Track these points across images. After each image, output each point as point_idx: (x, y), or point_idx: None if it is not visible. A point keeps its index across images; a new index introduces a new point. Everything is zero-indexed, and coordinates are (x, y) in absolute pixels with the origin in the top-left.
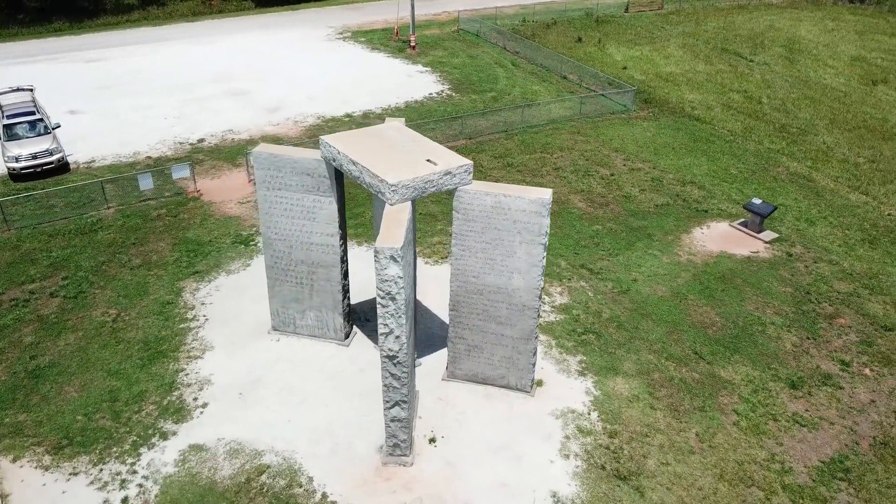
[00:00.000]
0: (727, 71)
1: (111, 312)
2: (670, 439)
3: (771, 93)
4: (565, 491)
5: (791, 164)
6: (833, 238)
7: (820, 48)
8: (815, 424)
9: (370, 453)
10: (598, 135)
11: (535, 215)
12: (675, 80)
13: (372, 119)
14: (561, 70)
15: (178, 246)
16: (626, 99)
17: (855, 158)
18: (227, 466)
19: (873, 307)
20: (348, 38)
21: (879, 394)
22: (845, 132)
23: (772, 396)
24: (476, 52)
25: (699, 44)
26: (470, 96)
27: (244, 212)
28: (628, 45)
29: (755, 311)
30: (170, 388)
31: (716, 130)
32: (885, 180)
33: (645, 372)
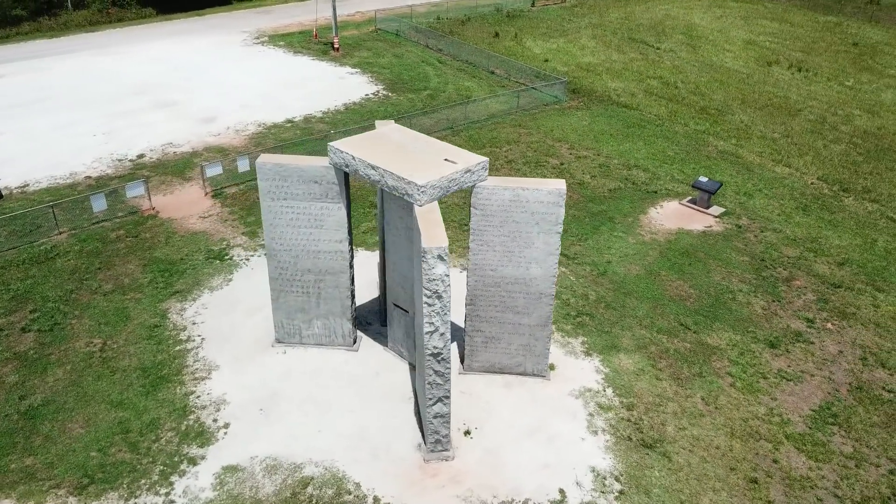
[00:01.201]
0: (639, 59)
1: (96, 342)
2: (681, 406)
3: (684, 77)
4: (602, 465)
5: (718, 143)
6: (771, 209)
7: (715, 34)
8: (798, 378)
9: (410, 452)
10: (538, 126)
11: (552, 206)
12: (596, 70)
13: (314, 123)
14: (487, 65)
15: (148, 267)
16: (558, 90)
17: (771, 134)
18: (268, 484)
19: (820, 268)
20: (267, 43)
21: (844, 344)
22: (756, 111)
23: (756, 357)
24: (401, 52)
25: (607, 34)
26: (406, 95)
27: (209, 226)
28: (543, 38)
29: (722, 280)
30: (183, 412)
31: (644, 116)
32: (801, 153)
33: (642, 346)
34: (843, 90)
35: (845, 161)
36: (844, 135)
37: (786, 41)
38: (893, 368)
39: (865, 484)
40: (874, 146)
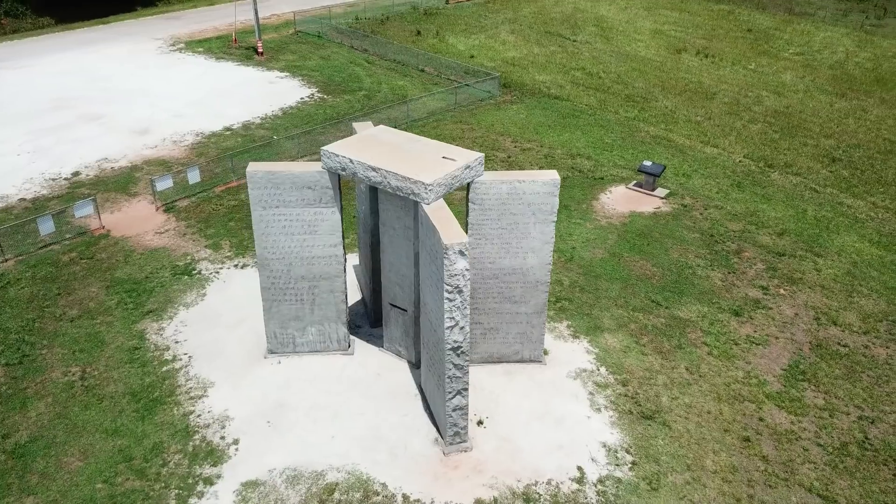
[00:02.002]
0: (560, 52)
1: (74, 370)
2: (669, 377)
3: (604, 67)
4: (611, 440)
5: (649, 128)
6: (709, 187)
7: (624, 25)
8: (765, 342)
9: (428, 447)
10: (478, 122)
11: (547, 196)
12: (521, 64)
13: (254, 130)
14: (416, 64)
15: (112, 288)
16: (491, 86)
17: (694, 118)
18: (292, 495)
19: (763, 239)
20: (184, 50)
21: (798, 307)
22: (676, 96)
23: (725, 326)
24: (327, 54)
25: (525, 29)
26: (343, 97)
27: (168, 242)
28: (464, 35)
29: (680, 257)
30: (187, 432)
31: (576, 106)
32: (724, 133)
33: (623, 325)
34: (748, 73)
35: (764, 139)
36: (758, 115)
37: (688, 29)
38: (843, 325)
39: (841, 431)
40: (786, 124)
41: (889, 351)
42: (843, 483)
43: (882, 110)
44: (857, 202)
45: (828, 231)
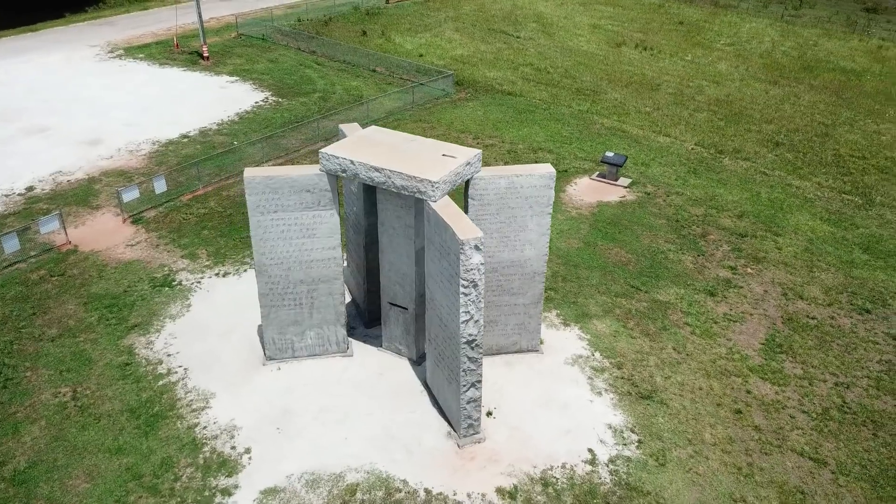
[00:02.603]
0: (506, 48)
1: (64, 391)
2: (659, 357)
3: (551, 63)
4: (615, 421)
5: (603, 120)
6: (668, 175)
7: (563, 20)
8: (741, 319)
9: (442, 441)
10: (438, 120)
11: (544, 188)
12: (470, 62)
13: (213, 136)
14: (367, 64)
15: (90, 304)
16: (445, 84)
17: (643, 108)
18: (315, 499)
19: (724, 221)
20: (124, 56)
21: (766, 284)
22: (623, 88)
23: (702, 306)
24: (274, 56)
25: (468, 27)
26: (298, 99)
27: (142, 254)
28: (410, 34)
29: (651, 243)
30: (195, 445)
31: (530, 101)
32: (674, 123)
33: (608, 311)
34: (686, 64)
35: (711, 127)
36: (702, 104)
37: (624, 24)
38: (809, 299)
39: (821, 398)
40: (729, 111)
41: (853, 321)
42: (829, 446)
43: (812, 96)
44: (803, 183)
45: (782, 211)
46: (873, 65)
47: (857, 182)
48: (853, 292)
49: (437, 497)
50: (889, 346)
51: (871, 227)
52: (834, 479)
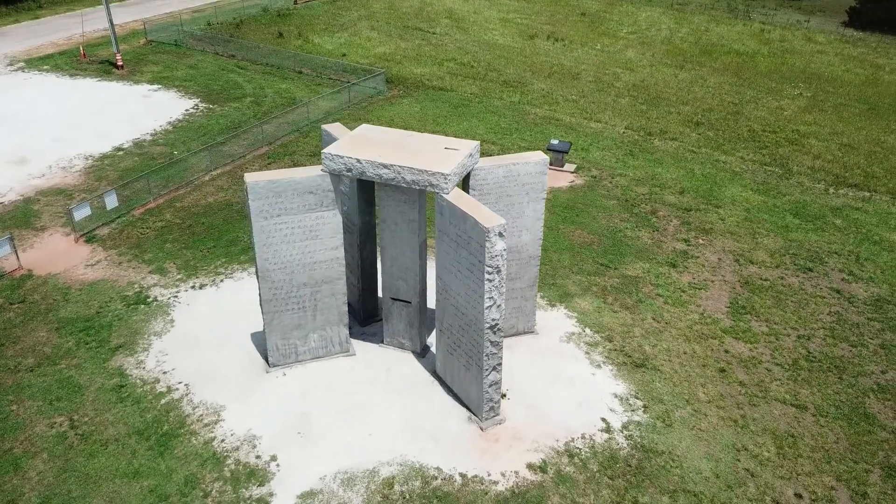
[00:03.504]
0: (425, 44)
1: (59, 420)
2: (643, 328)
3: (472, 57)
4: (619, 390)
5: (535, 110)
6: (608, 158)
7: (473, 16)
8: (704, 286)
9: (464, 427)
10: (377, 118)
11: (539, 175)
12: (394, 59)
13: (150, 147)
14: (292, 66)
15: (63, 329)
16: (377, 82)
17: (570, 97)
18: (354, 496)
19: (669, 198)
20: (28, 69)
21: (718, 253)
22: (546, 79)
23: (668, 277)
24: (192, 62)
25: (383, 24)
26: (230, 105)
27: (105, 273)
28: (327, 34)
29: (608, 223)
30: (216, 459)
31: (462, 96)
32: (601, 109)
33: (586, 289)
34: (598, 53)
35: (635, 111)
36: (622, 90)
37: (531, 17)
38: (758, 263)
39: (789, 350)
40: (647, 96)
41: (799, 279)
42: (805, 392)
43: (717, 77)
44: (728, 158)
45: (717, 185)
46: (761, 47)
47: (773, 154)
48: (794, 254)
49: (472, 479)
50: (834, 298)
51: (794, 195)
52: (816, 420)
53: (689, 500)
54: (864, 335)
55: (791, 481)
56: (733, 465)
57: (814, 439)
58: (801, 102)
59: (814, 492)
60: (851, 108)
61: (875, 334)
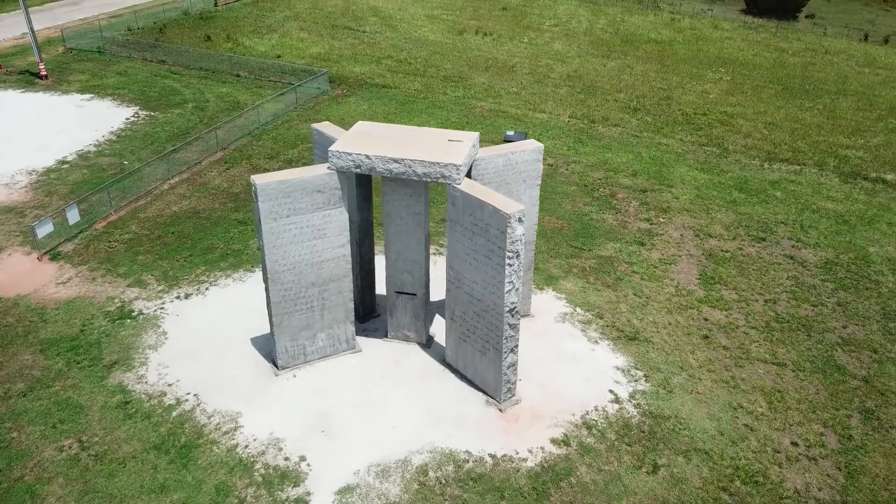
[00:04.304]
0: (358, 43)
1: (68, 443)
2: (628, 305)
3: (408, 54)
4: (619, 363)
5: (480, 104)
6: (560, 146)
7: (399, 13)
8: (673, 261)
9: (483, 410)
10: (327, 117)
11: (534, 162)
12: (331, 58)
13: (96, 158)
14: (229, 69)
15: (49, 351)
16: (321, 82)
17: (511, 89)
18: (391, 487)
19: (624, 181)
20: None
21: (679, 229)
22: (484, 72)
23: (640, 255)
24: (121, 69)
25: (311, 24)
26: (172, 112)
27: (80, 290)
28: (256, 35)
29: (573, 207)
30: (244, 465)
31: (406, 92)
32: (543, 100)
33: (568, 271)
34: (527, 46)
35: (575, 100)
36: (558, 81)
37: (455, 12)
38: (717, 236)
39: (760, 314)
40: (583, 85)
41: (756, 248)
42: (782, 351)
43: (642, 65)
44: (669, 140)
45: (665, 166)
46: (676, 35)
47: (708, 135)
48: (746, 226)
49: (502, 459)
50: (789, 264)
51: (735, 171)
52: (796, 375)
53: (702, 457)
54: (821, 295)
55: (785, 432)
56: (733, 422)
57: (797, 392)
58: (722, 86)
59: (807, 439)
60: (768, 90)
61: (830, 294)
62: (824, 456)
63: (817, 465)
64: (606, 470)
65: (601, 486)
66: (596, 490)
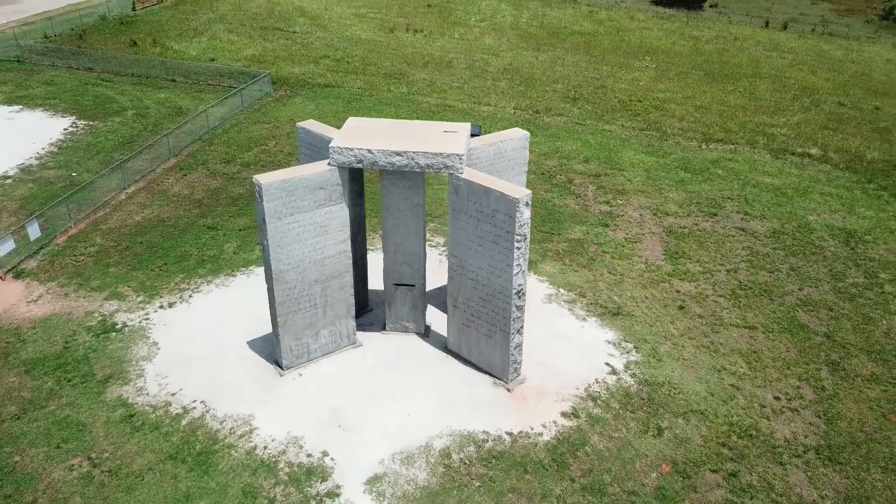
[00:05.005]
0: (292, 44)
1: (77, 462)
2: (606, 283)
3: (344, 53)
4: (609, 337)
5: (426, 99)
6: None
7: (326, 13)
8: (637, 239)
9: (492, 391)
10: (276, 118)
11: (521, 150)
12: (267, 60)
13: (41, 171)
14: (162, 75)
15: (35, 371)
16: (263, 84)
17: (453, 84)
18: (418, 472)
19: (578, 167)
20: None
21: (637, 209)
22: (423, 68)
23: (606, 236)
24: (47, 78)
25: (238, 26)
26: (112, 120)
27: (54, 307)
28: (184, 39)
29: (536, 195)
30: (266, 465)
31: (351, 91)
32: (486, 93)
33: (544, 255)
34: (459, 41)
35: (516, 92)
36: (496, 74)
37: (381, 10)
38: (672, 213)
39: (724, 284)
40: (520, 78)
41: (710, 223)
42: (750, 315)
43: (572, 57)
44: (612, 127)
45: (613, 151)
46: (597, 27)
47: (646, 120)
48: (697, 203)
49: (520, 435)
50: (742, 235)
51: (677, 153)
52: (766, 337)
53: (699, 417)
54: (775, 262)
55: (767, 388)
56: (720, 383)
57: (770, 352)
58: (650, 73)
59: (786, 393)
60: (691, 76)
61: (783, 260)
62: (804, 407)
63: (799, 415)
64: (616, 437)
65: (615, 452)
66: (610, 456)
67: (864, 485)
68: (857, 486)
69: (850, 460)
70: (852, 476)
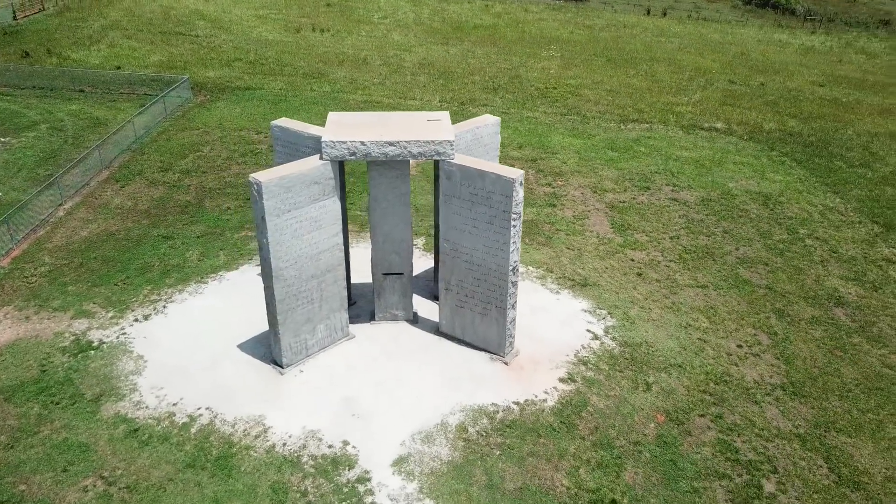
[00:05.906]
0: (199, 48)
1: (91, 482)
2: (567, 258)
3: (255, 55)
4: (584, 306)
5: (353, 97)
6: None
7: (225, 15)
8: (585, 216)
9: (490, 366)
10: (204, 123)
11: (494, 135)
12: (177, 65)
13: None
14: (68, 86)
15: (15, 398)
16: (182, 90)
17: (374, 81)
18: (440, 449)
19: (514, 153)
20: None
21: (578, 188)
22: (340, 66)
23: (556, 216)
24: None
25: (135, 32)
26: (26, 135)
27: (19, 332)
28: (82, 48)
29: None
30: (290, 462)
31: (275, 92)
32: (408, 88)
33: None
34: (368, 39)
35: (437, 86)
36: (414, 69)
37: (282, 10)
38: (610, 190)
39: (671, 250)
40: (437, 72)
41: (646, 196)
42: (700, 275)
43: (480, 49)
44: (536, 113)
45: (543, 137)
46: (496, 20)
47: (566, 105)
48: (630, 179)
49: (527, 403)
50: (675, 205)
51: (601, 134)
52: (718, 293)
53: (678, 371)
54: (709, 227)
55: (728, 339)
56: (689, 338)
57: (725, 306)
58: (557, 62)
59: (746, 341)
60: (595, 62)
61: (716, 224)
62: (763, 351)
63: (761, 359)
64: (613, 395)
65: (614, 409)
66: (611, 413)
67: (826, 412)
68: (822, 413)
69: (811, 393)
70: (816, 406)
